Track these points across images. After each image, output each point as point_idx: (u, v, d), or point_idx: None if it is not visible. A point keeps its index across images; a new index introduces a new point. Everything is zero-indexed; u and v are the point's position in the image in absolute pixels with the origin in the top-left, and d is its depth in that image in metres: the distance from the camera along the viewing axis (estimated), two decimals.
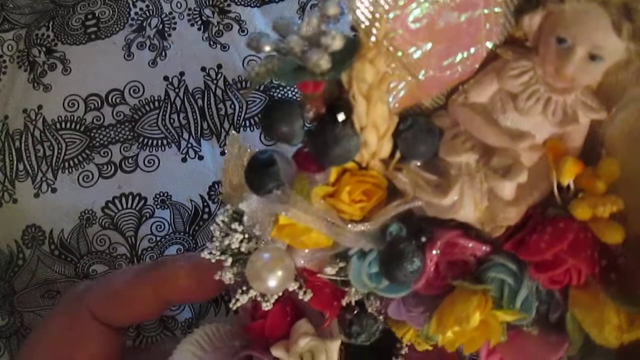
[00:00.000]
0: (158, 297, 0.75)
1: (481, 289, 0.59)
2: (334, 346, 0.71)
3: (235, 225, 0.66)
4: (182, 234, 1.02)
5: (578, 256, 0.55)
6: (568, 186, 0.55)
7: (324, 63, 0.46)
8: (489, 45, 0.55)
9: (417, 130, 0.56)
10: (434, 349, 0.71)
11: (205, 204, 1.02)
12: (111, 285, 0.78)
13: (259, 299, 0.69)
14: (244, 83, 1.03)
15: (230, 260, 0.67)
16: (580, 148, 0.56)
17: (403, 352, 0.75)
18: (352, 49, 0.49)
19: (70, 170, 1.01)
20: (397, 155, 0.57)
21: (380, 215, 0.58)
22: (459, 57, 0.54)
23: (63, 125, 1.02)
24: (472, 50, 0.54)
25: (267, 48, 0.48)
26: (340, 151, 0.54)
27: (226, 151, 0.72)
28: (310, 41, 0.48)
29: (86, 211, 1.00)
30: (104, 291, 0.77)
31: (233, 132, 0.89)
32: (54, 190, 1.01)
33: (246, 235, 0.67)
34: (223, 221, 0.67)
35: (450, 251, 0.60)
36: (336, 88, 0.53)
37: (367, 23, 0.50)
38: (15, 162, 1.02)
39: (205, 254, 0.68)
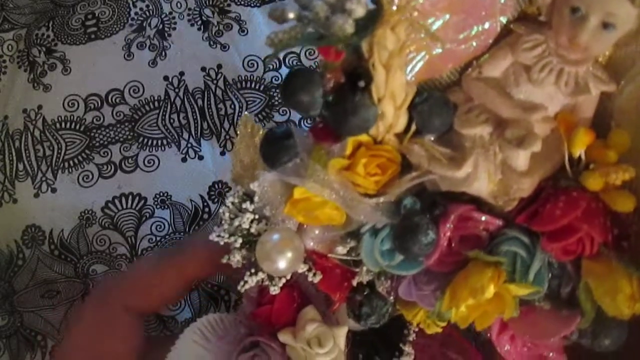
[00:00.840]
0: (184, 278, 0.77)
1: (495, 261, 0.59)
2: (342, 332, 0.72)
3: (246, 205, 0.66)
4: (182, 234, 1.01)
5: (591, 223, 0.56)
6: (579, 158, 0.56)
7: (349, 27, 0.47)
8: (503, 20, 0.56)
9: (433, 103, 0.56)
10: (440, 333, 0.72)
11: (205, 204, 1.02)
12: (138, 274, 0.80)
13: (266, 282, 0.69)
14: (244, 83, 1.04)
15: (239, 241, 0.67)
16: (591, 119, 0.58)
17: (411, 338, 0.74)
18: (375, 15, 0.50)
19: (70, 170, 1.01)
20: (413, 127, 0.57)
21: (395, 187, 0.59)
22: (474, 30, 0.56)
23: (63, 125, 1.02)
24: (487, 24, 0.56)
25: (292, 15, 0.49)
26: (359, 120, 0.54)
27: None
28: (333, 7, 0.48)
29: (86, 211, 1.00)
30: (132, 281, 0.80)
31: (245, 113, 0.90)
32: (53, 190, 1.00)
33: (256, 216, 0.67)
34: (233, 203, 0.68)
35: (463, 225, 0.61)
36: (355, 59, 0.54)
37: None
38: (15, 162, 1.02)
39: (213, 237, 0.68)
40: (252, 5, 1.07)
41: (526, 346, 0.66)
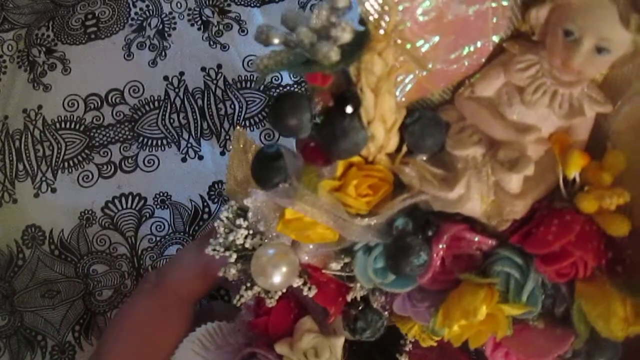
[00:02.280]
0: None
1: (487, 282, 0.59)
2: (338, 343, 0.72)
3: (239, 221, 0.66)
4: (182, 234, 1.01)
5: (585, 248, 0.55)
6: (574, 180, 0.56)
7: (334, 55, 0.46)
8: (496, 39, 0.55)
9: (424, 123, 0.56)
10: (437, 345, 0.72)
11: (205, 204, 1.02)
12: (186, 259, 0.82)
13: (262, 295, 0.69)
14: (244, 83, 1.03)
15: (234, 256, 0.67)
16: (586, 141, 0.57)
17: (407, 348, 0.75)
18: (361, 41, 0.49)
19: (70, 170, 1.01)
20: (404, 148, 0.57)
21: (387, 209, 0.58)
22: (465, 50, 0.55)
23: (63, 125, 1.02)
24: (479, 43, 0.55)
25: (276, 40, 0.48)
26: (348, 144, 0.54)
27: (230, 147, 0.72)
28: (319, 34, 0.48)
29: (86, 211, 1.00)
30: (182, 266, 0.82)
31: (238, 127, 0.89)
32: (53, 190, 1.01)
33: (251, 231, 0.67)
34: (227, 217, 0.68)
35: (456, 245, 0.61)
36: (344, 81, 0.53)
37: (376, 15, 0.50)
38: (15, 162, 1.02)
39: (209, 250, 0.68)
40: (252, 5, 1.06)
41: None
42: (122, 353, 0.79)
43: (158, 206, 1.01)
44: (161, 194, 1.01)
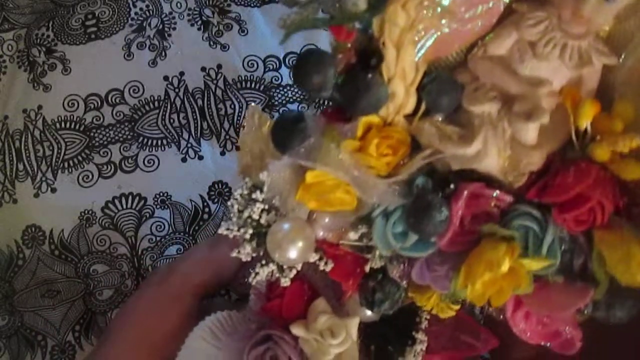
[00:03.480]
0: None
1: (508, 235, 0.60)
2: (354, 323, 0.72)
3: (256, 195, 0.67)
4: (182, 234, 1.01)
5: (602, 191, 0.57)
6: (585, 131, 0.58)
7: (361, 4, 0.48)
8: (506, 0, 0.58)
9: (441, 82, 0.58)
10: (452, 318, 0.73)
11: (205, 204, 1.02)
12: (197, 253, 0.84)
13: (277, 274, 0.68)
14: (244, 83, 1.04)
15: (250, 232, 0.67)
16: (594, 92, 0.60)
17: (423, 325, 0.75)
18: None
19: (70, 170, 1.01)
20: (423, 107, 0.58)
21: (408, 167, 0.59)
22: (479, 9, 0.57)
23: (63, 125, 1.02)
24: (491, 4, 0.57)
25: None
26: (371, 99, 0.55)
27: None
28: None
29: (86, 211, 1.00)
30: (191, 260, 0.84)
31: (252, 104, 0.89)
32: (53, 190, 1.00)
33: (266, 206, 0.67)
34: (241, 194, 0.67)
35: (474, 203, 0.61)
36: (366, 39, 0.55)
37: None
38: (15, 162, 1.01)
39: (222, 230, 0.68)
40: (252, 5, 1.08)
41: (541, 323, 0.66)
42: (127, 341, 0.79)
43: (158, 206, 1.00)
44: (161, 194, 1.01)
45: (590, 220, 0.58)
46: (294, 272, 0.69)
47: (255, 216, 0.67)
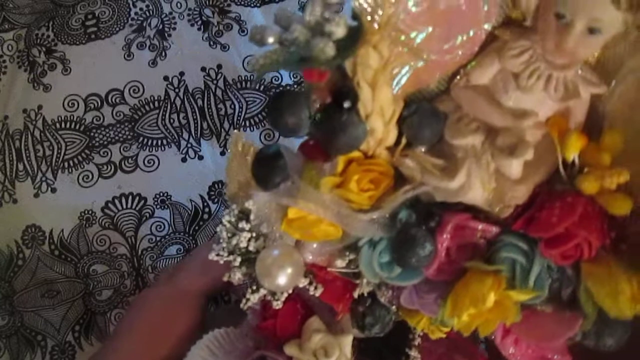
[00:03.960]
0: None
1: (493, 269, 0.59)
2: (347, 340, 0.72)
3: (242, 224, 0.66)
4: (182, 234, 1.02)
5: (589, 228, 0.55)
6: (573, 162, 0.56)
7: (329, 50, 0.46)
8: (488, 27, 0.56)
9: (422, 114, 0.56)
10: (447, 336, 0.72)
11: (205, 204, 1.02)
12: (200, 254, 0.83)
13: (269, 298, 0.69)
14: (244, 83, 1.04)
15: (239, 259, 0.67)
16: (582, 123, 0.58)
17: (416, 342, 0.75)
18: (356, 35, 0.49)
19: (70, 170, 1.01)
20: (403, 141, 0.57)
21: (390, 202, 0.58)
22: (459, 39, 0.55)
23: (63, 125, 1.03)
24: (472, 32, 0.55)
25: (271, 39, 0.48)
26: (348, 139, 0.54)
27: (228, 151, 0.72)
28: (313, 30, 0.48)
29: (86, 211, 1.01)
30: (195, 260, 0.84)
31: (235, 130, 0.89)
32: (53, 190, 1.01)
33: (254, 234, 0.67)
34: (229, 221, 0.67)
35: (460, 234, 0.61)
36: (340, 77, 0.54)
37: (369, 9, 0.50)
38: (15, 162, 1.02)
39: (212, 256, 0.68)
40: (252, 5, 1.07)
41: (530, 348, 0.66)
42: (135, 337, 0.80)
43: (158, 206, 1.01)
44: (161, 194, 1.01)
45: (577, 255, 0.57)
46: (285, 295, 0.69)
47: (243, 244, 0.67)
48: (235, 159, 0.71)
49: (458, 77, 0.58)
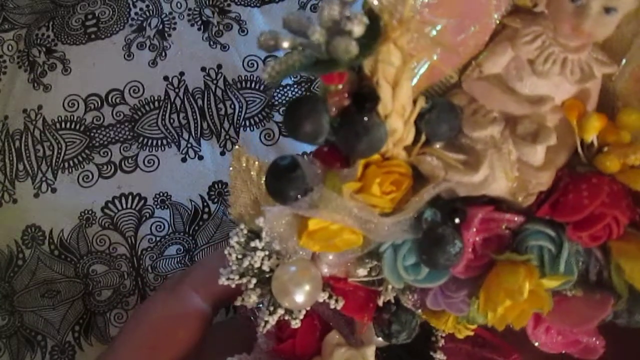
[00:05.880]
0: None
1: (524, 259, 0.59)
2: (370, 352, 0.71)
3: (255, 243, 0.64)
4: (182, 234, 1.01)
5: (618, 206, 0.56)
6: (591, 143, 0.56)
7: (353, 48, 0.45)
8: (497, 16, 0.55)
9: (439, 110, 0.55)
10: (468, 338, 0.71)
11: (205, 204, 1.02)
12: (207, 262, 0.84)
13: (286, 317, 0.67)
14: (244, 83, 1.03)
15: (254, 281, 0.65)
16: (596, 103, 0.58)
17: (440, 344, 0.74)
18: (375, 32, 0.48)
19: (70, 170, 1.00)
20: (423, 138, 0.56)
21: (414, 202, 0.57)
22: (471, 30, 0.55)
23: (63, 125, 1.01)
24: (483, 23, 0.55)
25: (286, 45, 0.47)
26: (372, 141, 0.53)
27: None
28: (331, 31, 0.46)
29: (86, 211, 0.99)
30: (202, 268, 0.83)
31: (237, 146, 0.88)
32: (53, 190, 0.99)
33: (267, 253, 0.65)
34: (238, 242, 0.65)
35: (485, 228, 0.60)
36: (356, 78, 0.52)
37: (387, 4, 0.49)
38: (15, 162, 1.00)
39: (222, 281, 0.66)
40: (252, 5, 1.06)
41: (561, 335, 0.66)
42: (138, 342, 0.79)
43: (158, 206, 1.00)
44: (161, 194, 1.00)
45: (605, 235, 0.57)
46: (304, 312, 0.67)
47: (257, 264, 0.65)
48: (238, 176, 0.69)
49: (470, 69, 0.58)
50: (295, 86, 1.04)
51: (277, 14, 1.07)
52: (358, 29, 0.46)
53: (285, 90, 1.04)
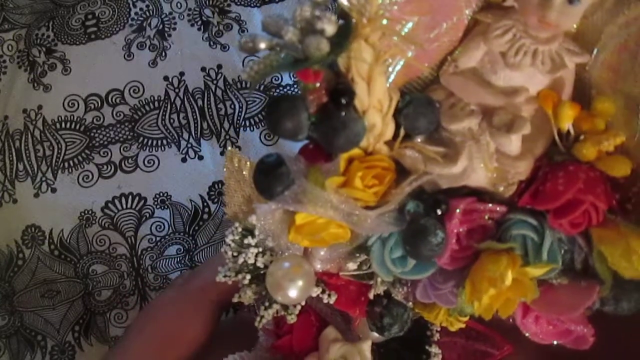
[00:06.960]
0: None
1: (506, 248, 0.59)
2: (366, 346, 0.72)
3: (248, 240, 0.66)
4: (182, 234, 1.02)
5: (594, 193, 0.56)
6: (568, 132, 0.57)
7: (324, 46, 0.47)
8: (469, 12, 0.57)
9: (417, 105, 0.56)
10: (465, 328, 0.72)
11: (205, 204, 1.03)
12: (214, 266, 0.81)
13: (282, 313, 0.68)
14: (244, 83, 1.05)
15: (248, 277, 0.67)
16: (571, 93, 0.59)
17: (435, 338, 0.75)
18: (346, 30, 0.50)
19: (70, 170, 1.02)
20: (402, 132, 0.57)
21: (396, 194, 0.58)
22: (444, 27, 0.56)
23: (63, 125, 1.03)
24: (455, 19, 0.57)
25: (263, 46, 0.49)
26: (350, 135, 0.54)
27: (225, 169, 0.72)
28: (304, 30, 0.48)
29: (86, 211, 1.01)
30: (208, 273, 0.81)
31: (229, 148, 0.88)
32: (53, 190, 1.01)
33: (260, 249, 0.67)
34: (234, 240, 0.67)
35: (468, 219, 0.61)
36: (333, 76, 0.54)
37: (357, 3, 0.51)
38: (15, 162, 1.02)
39: (220, 278, 0.68)
40: (252, 5, 1.08)
41: (551, 324, 0.66)
42: (146, 338, 0.80)
43: (158, 206, 1.01)
44: (161, 194, 1.02)
45: (585, 221, 0.58)
46: (299, 307, 0.68)
47: (251, 261, 0.67)
48: (232, 177, 0.71)
49: (446, 64, 0.59)
50: (295, 86, 1.04)
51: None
52: (329, 28, 0.48)
53: (285, 90, 1.04)
